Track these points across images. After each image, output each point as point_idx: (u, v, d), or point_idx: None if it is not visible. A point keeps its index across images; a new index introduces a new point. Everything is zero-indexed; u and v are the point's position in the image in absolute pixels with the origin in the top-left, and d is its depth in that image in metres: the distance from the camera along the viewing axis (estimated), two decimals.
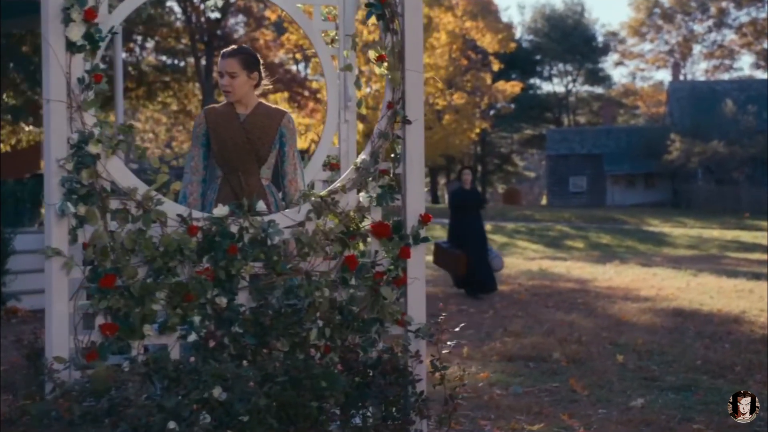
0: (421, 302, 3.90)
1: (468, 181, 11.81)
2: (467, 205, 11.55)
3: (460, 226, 11.51)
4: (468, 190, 11.77)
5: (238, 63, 4.40)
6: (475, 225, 11.55)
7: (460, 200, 11.65)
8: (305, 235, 3.69)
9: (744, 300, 10.72)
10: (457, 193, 11.83)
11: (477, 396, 5.72)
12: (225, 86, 4.39)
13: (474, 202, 11.72)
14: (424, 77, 3.75)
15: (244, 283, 3.63)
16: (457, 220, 11.65)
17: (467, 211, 11.52)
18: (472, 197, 11.79)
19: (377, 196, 3.80)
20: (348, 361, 3.66)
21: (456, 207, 11.72)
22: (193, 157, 4.44)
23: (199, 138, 4.45)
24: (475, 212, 11.63)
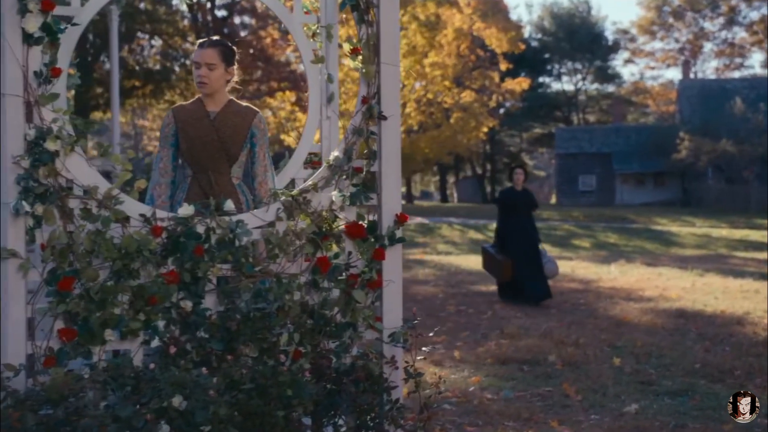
0: (397, 306, 3.74)
1: (520, 182, 10.87)
2: (517, 207, 10.70)
3: (508, 229, 10.69)
4: (519, 191, 10.87)
5: (217, 54, 4.27)
6: (524, 228, 10.67)
7: (509, 201, 10.83)
8: (275, 236, 3.54)
9: (749, 301, 10.52)
10: (507, 194, 11.10)
11: (466, 400, 5.56)
12: (201, 77, 4.23)
13: (524, 204, 10.81)
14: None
15: (211, 286, 3.48)
16: (504, 223, 10.83)
17: (516, 212, 10.69)
18: (523, 198, 10.85)
19: (351, 194, 3.64)
20: (319, 367, 3.51)
21: (504, 208, 10.89)
22: (162, 158, 4.30)
23: (168, 138, 4.31)
24: (525, 214, 10.78)
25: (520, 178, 10.89)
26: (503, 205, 10.92)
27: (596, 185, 51.42)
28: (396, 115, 3.70)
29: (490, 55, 42.58)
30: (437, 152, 42.71)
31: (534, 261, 10.42)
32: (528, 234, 10.63)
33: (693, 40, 64.50)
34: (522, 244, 10.48)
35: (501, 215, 10.99)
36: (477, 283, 12.53)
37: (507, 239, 10.62)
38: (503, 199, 11.06)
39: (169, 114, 4.35)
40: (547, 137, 65.06)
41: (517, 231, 10.58)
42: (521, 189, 10.90)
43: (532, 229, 10.80)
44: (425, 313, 9.49)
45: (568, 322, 8.74)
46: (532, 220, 10.93)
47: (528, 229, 10.71)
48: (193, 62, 4.29)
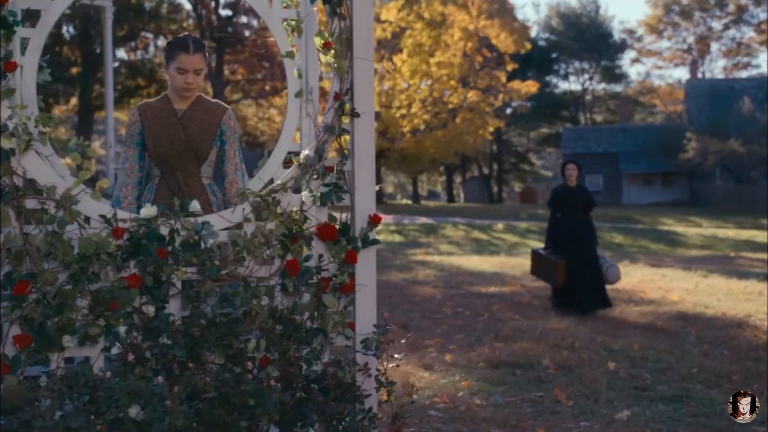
0: (370, 311, 3.58)
1: (573, 177, 9.85)
2: (571, 206, 9.76)
3: (562, 231, 9.74)
4: (573, 187, 9.89)
5: (203, 58, 4.15)
6: (580, 229, 9.74)
7: (562, 199, 9.85)
8: (242, 238, 3.40)
9: (751, 303, 10.34)
10: (559, 192, 10.01)
11: (453, 406, 5.42)
12: (189, 84, 4.08)
13: (579, 202, 9.85)
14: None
15: (175, 290, 3.34)
16: (557, 224, 9.89)
17: (571, 212, 9.77)
18: (578, 196, 9.88)
19: (321, 195, 3.50)
20: (288, 375, 3.36)
21: (557, 208, 9.92)
22: (128, 158, 4.16)
23: (134, 137, 4.16)
24: (580, 214, 9.85)
25: (573, 173, 9.90)
26: (555, 205, 9.94)
27: (603, 185, 51.13)
28: (370, 112, 3.56)
29: (497, 55, 42.40)
30: (443, 152, 42.53)
31: (593, 266, 9.55)
32: (585, 236, 9.73)
33: (700, 40, 64.18)
34: (578, 247, 9.58)
35: (553, 216, 10.07)
36: (477, 285, 12.36)
37: (560, 242, 9.70)
38: (555, 197, 10.00)
39: (135, 112, 4.20)
40: (555, 137, 64.85)
41: (572, 233, 9.67)
42: (575, 186, 9.93)
43: (590, 231, 9.90)
44: (421, 315, 9.36)
45: (566, 325, 8.57)
46: (589, 221, 10.00)
47: (585, 230, 9.81)
48: (178, 68, 4.08)
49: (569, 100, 68.12)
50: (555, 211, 9.95)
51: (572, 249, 9.52)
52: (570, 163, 10.10)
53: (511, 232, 26.96)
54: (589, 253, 9.62)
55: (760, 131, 41.72)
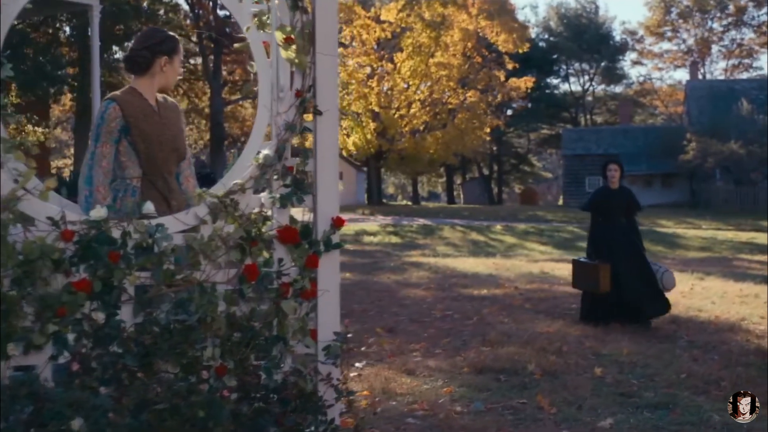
0: (333, 318, 3.44)
1: (615, 179, 9.12)
2: (613, 209, 9.06)
3: (605, 237, 8.98)
4: (615, 189, 9.17)
5: None
6: (624, 234, 9.02)
7: (603, 202, 9.14)
8: (198, 241, 3.25)
9: (746, 306, 10.19)
10: (601, 194, 9.29)
11: (432, 413, 5.26)
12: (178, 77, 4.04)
13: (623, 205, 9.16)
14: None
15: (127, 295, 3.20)
16: (599, 230, 9.12)
17: (613, 216, 9.05)
18: (621, 198, 9.18)
19: (281, 196, 3.36)
20: (246, 384, 3.22)
21: (598, 212, 9.18)
22: (104, 156, 3.97)
23: (113, 134, 3.99)
24: (623, 218, 9.15)
25: (616, 174, 9.15)
26: (597, 208, 9.20)
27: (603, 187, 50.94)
28: (333, 110, 3.42)
29: (496, 55, 42.31)
30: (442, 153, 42.44)
31: (645, 272, 8.84)
32: (631, 241, 9.00)
33: (701, 41, 64.03)
34: (624, 253, 8.84)
35: (594, 220, 9.23)
36: (469, 287, 12.21)
37: (603, 249, 8.92)
38: (597, 200, 9.27)
39: (113, 106, 3.99)
40: (555, 138, 64.77)
41: (617, 238, 8.93)
42: (618, 187, 9.21)
43: (636, 236, 9.17)
44: (409, 318, 9.21)
45: (555, 329, 8.42)
46: (634, 225, 9.31)
47: (630, 235, 9.08)
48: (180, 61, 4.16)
49: (569, 101, 68.02)
50: (596, 215, 9.21)
51: (617, 256, 8.79)
52: (612, 163, 9.33)
53: (509, 234, 26.80)
54: (638, 258, 8.90)
55: (761, 133, 41.55)
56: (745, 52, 64.15)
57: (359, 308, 9.86)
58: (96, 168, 3.95)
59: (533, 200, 59.64)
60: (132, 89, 4.06)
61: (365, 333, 8.14)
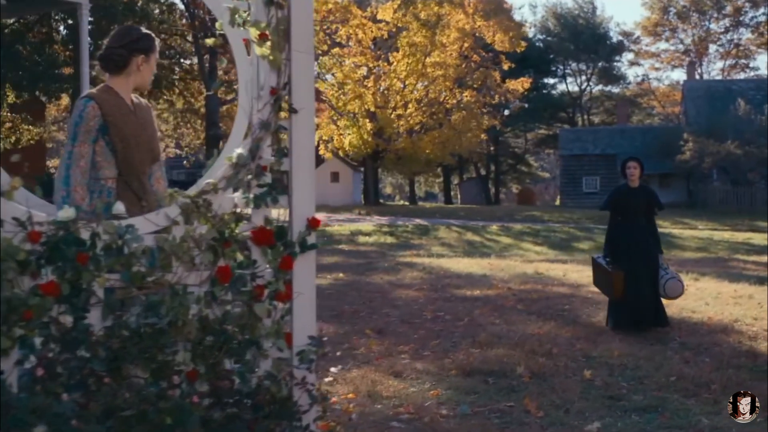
0: (309, 321, 3.36)
1: (635, 177, 8.78)
2: (632, 209, 8.75)
3: (622, 237, 8.69)
4: (635, 188, 8.83)
5: None
6: (642, 236, 8.67)
7: (622, 201, 8.82)
8: (170, 242, 3.17)
9: (740, 307, 10.11)
10: (620, 193, 8.98)
11: (418, 417, 5.19)
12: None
13: (643, 205, 8.83)
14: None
15: (97, 298, 3.11)
16: (617, 229, 8.82)
17: (632, 216, 8.73)
18: (641, 197, 8.84)
19: (255, 196, 3.28)
20: (219, 390, 3.14)
21: (617, 211, 8.85)
22: (82, 156, 3.89)
23: (91, 133, 3.92)
24: (642, 218, 8.79)
25: (635, 172, 8.80)
26: (616, 207, 8.88)
27: (600, 187, 50.94)
28: (309, 108, 3.34)
29: (493, 55, 42.26)
30: (439, 153, 42.34)
31: (654, 278, 8.53)
32: (647, 244, 8.66)
33: (698, 42, 64.01)
34: (639, 256, 8.53)
35: (613, 220, 8.93)
36: (462, 288, 12.13)
37: (620, 250, 8.64)
38: (615, 199, 8.94)
39: (92, 104, 3.90)
40: (552, 138, 64.72)
41: (634, 240, 8.62)
42: (638, 186, 8.87)
43: (653, 238, 8.80)
44: (400, 319, 9.14)
45: (546, 330, 8.35)
46: (652, 226, 8.93)
47: (647, 237, 8.73)
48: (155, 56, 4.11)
49: (567, 101, 67.99)
50: (615, 214, 8.89)
51: (633, 258, 8.48)
52: (631, 161, 8.92)
53: (505, 234, 26.73)
54: (651, 263, 8.57)
55: (758, 133, 41.52)
56: (743, 52, 64.14)
57: (350, 309, 9.78)
58: (74, 168, 3.87)
59: (530, 200, 59.60)
60: (108, 88, 3.98)
61: (355, 334, 8.07)
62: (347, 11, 37.37)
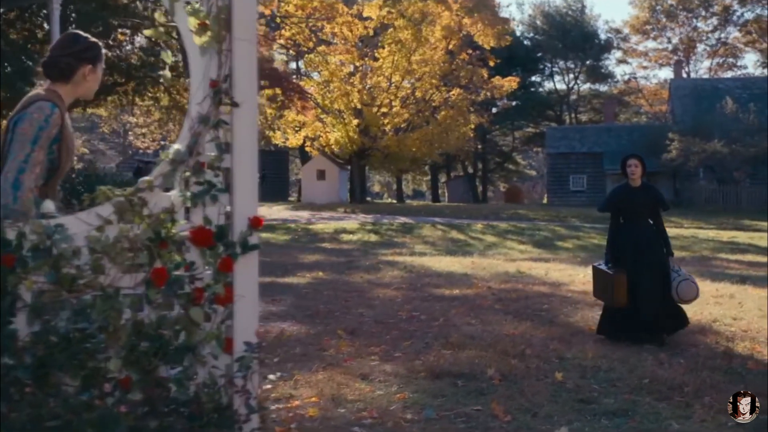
0: (250, 325, 3.19)
1: (636, 175, 8.11)
2: (635, 209, 8.08)
3: (624, 240, 8.01)
4: (636, 187, 8.16)
5: None
6: (647, 238, 7.99)
7: (624, 202, 8.14)
8: (102, 243, 3.01)
9: (720, 306, 10.00)
10: (620, 193, 8.26)
11: (381, 422, 5.04)
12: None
13: (646, 204, 8.13)
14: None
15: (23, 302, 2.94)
16: (619, 232, 8.14)
17: (634, 217, 8.09)
18: (644, 197, 8.13)
19: (193, 194, 3.11)
20: (155, 398, 2.98)
21: (619, 212, 8.19)
22: (38, 163, 3.59)
23: (50, 139, 3.64)
24: (648, 219, 8.13)
25: (636, 170, 8.12)
26: (617, 209, 8.21)
27: (587, 185, 50.97)
28: (251, 101, 3.18)
29: (480, 53, 42.15)
30: (425, 150, 42.21)
31: (667, 285, 7.87)
32: (652, 246, 7.97)
33: (686, 40, 64.07)
34: (644, 260, 7.85)
35: (614, 222, 8.24)
36: (441, 287, 11.99)
37: (625, 254, 7.96)
38: (616, 199, 8.27)
39: (56, 111, 3.66)
40: (540, 136, 64.70)
41: (637, 242, 7.94)
42: (640, 185, 8.20)
43: (659, 240, 8.08)
44: (374, 319, 8.98)
45: (521, 330, 8.21)
46: (660, 227, 8.17)
47: (652, 239, 8.04)
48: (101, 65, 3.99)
49: (554, 99, 67.96)
50: (616, 215, 8.23)
51: (640, 263, 7.82)
52: (632, 158, 8.23)
53: (489, 233, 26.62)
54: (660, 266, 7.90)
55: (744, 132, 41.54)
56: (730, 51, 64.23)
57: (325, 309, 9.63)
58: (28, 173, 3.59)
59: (518, 199, 59.55)
60: (57, 95, 3.77)
61: (327, 335, 7.92)
62: (333, 8, 37.15)
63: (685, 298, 7.89)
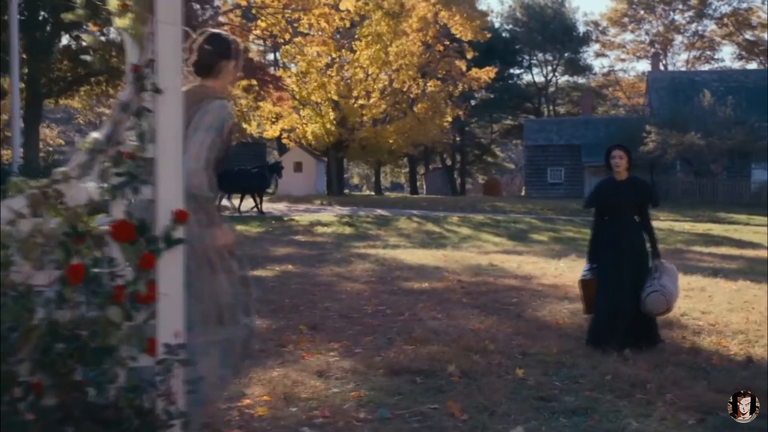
0: (174, 325, 3.02)
1: (620, 167, 7.28)
2: (619, 205, 7.27)
3: (609, 238, 7.23)
4: (621, 181, 7.32)
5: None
6: (628, 236, 7.21)
7: (607, 196, 7.35)
8: (14, 237, 2.82)
9: (690, 300, 9.90)
10: (604, 187, 7.44)
11: (332, 421, 4.88)
12: None
13: (632, 199, 7.29)
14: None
15: None
16: (603, 229, 7.39)
17: (620, 213, 7.28)
18: (630, 191, 7.28)
19: (113, 186, 2.93)
20: (70, 403, 2.79)
21: (603, 208, 7.42)
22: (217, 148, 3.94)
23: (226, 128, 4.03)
24: (632, 216, 7.30)
25: (621, 162, 7.29)
26: (601, 204, 7.44)
27: (565, 178, 51.05)
28: (175, 88, 3.00)
29: (457, 45, 41.97)
30: (402, 143, 42.04)
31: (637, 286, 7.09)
32: (634, 245, 7.20)
33: (663, 33, 64.22)
34: (631, 262, 7.11)
35: (598, 219, 7.50)
36: (411, 280, 11.83)
37: (607, 255, 7.21)
38: (599, 195, 7.45)
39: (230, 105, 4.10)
40: (518, 129, 64.71)
41: (624, 242, 7.16)
42: (626, 178, 7.36)
43: (648, 239, 7.31)
44: (339, 313, 8.81)
45: (487, 325, 8.07)
46: (647, 225, 7.34)
47: (634, 237, 7.25)
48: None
49: (532, 92, 67.96)
50: (600, 212, 7.47)
51: (623, 264, 7.10)
52: (616, 149, 7.40)
53: (465, 225, 26.47)
54: (639, 269, 7.14)
55: (721, 124, 41.67)
56: (707, 43, 64.44)
57: (290, 303, 9.45)
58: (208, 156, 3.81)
59: (496, 191, 59.50)
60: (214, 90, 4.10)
61: (288, 330, 7.74)
62: (309, 0, 36.84)
63: (651, 311, 7.07)
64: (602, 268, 7.22)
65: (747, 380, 5.84)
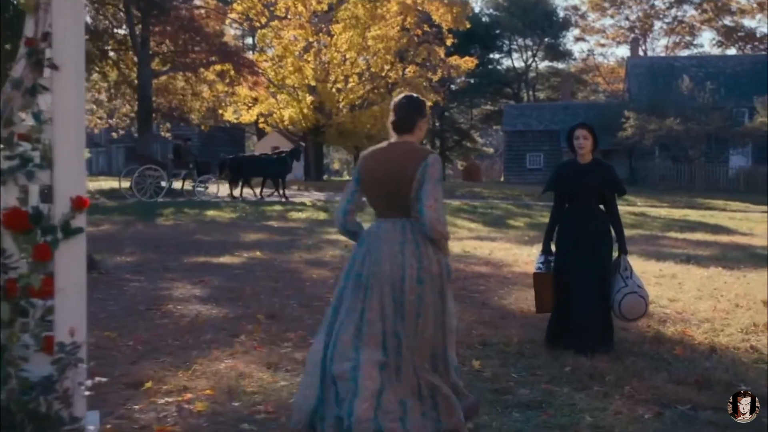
0: (74, 321, 2.78)
1: (584, 149, 6.44)
2: (580, 190, 6.45)
3: (568, 227, 6.47)
4: (585, 164, 6.48)
5: None
6: (590, 226, 6.38)
7: (567, 180, 6.55)
8: None
9: (660, 287, 9.77)
10: (564, 171, 6.70)
11: (275, 417, 4.67)
12: None
13: (595, 185, 6.43)
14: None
15: None
16: (561, 216, 6.62)
17: (581, 199, 6.46)
18: (592, 176, 6.43)
19: (4, 170, 2.69)
20: None
21: (563, 194, 6.63)
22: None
23: None
24: (595, 203, 6.46)
25: (585, 143, 6.43)
26: (561, 188, 6.64)
27: (544, 163, 50.93)
28: (75, 64, 2.75)
29: (436, 30, 41.65)
30: (380, 128, 41.73)
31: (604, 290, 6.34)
32: (595, 236, 6.37)
33: (643, 18, 64.15)
34: (588, 256, 6.31)
35: (557, 206, 6.69)
36: None
37: (563, 245, 6.49)
38: (559, 178, 6.66)
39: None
40: (498, 114, 64.51)
41: (578, 231, 6.38)
42: (590, 161, 6.52)
43: (606, 230, 6.44)
44: (299, 302, 8.60)
45: None
46: (613, 216, 6.49)
47: (597, 227, 6.41)
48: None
49: (512, 77, 67.76)
50: (560, 198, 6.68)
51: (579, 257, 6.31)
52: (580, 128, 6.52)
53: None
54: (600, 268, 6.35)
55: (700, 110, 41.68)
56: (687, 29, 64.44)
57: (251, 291, 9.22)
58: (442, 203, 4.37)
59: (476, 176, 59.36)
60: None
61: (245, 319, 7.52)
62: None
63: (628, 316, 6.38)
64: (559, 262, 6.49)
65: (708, 371, 5.70)
